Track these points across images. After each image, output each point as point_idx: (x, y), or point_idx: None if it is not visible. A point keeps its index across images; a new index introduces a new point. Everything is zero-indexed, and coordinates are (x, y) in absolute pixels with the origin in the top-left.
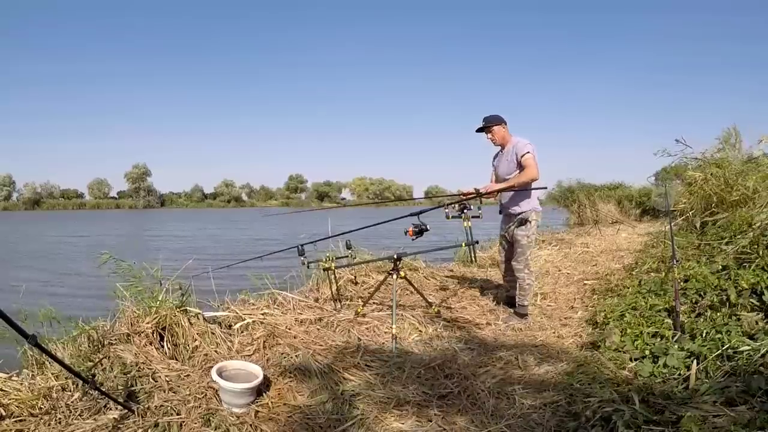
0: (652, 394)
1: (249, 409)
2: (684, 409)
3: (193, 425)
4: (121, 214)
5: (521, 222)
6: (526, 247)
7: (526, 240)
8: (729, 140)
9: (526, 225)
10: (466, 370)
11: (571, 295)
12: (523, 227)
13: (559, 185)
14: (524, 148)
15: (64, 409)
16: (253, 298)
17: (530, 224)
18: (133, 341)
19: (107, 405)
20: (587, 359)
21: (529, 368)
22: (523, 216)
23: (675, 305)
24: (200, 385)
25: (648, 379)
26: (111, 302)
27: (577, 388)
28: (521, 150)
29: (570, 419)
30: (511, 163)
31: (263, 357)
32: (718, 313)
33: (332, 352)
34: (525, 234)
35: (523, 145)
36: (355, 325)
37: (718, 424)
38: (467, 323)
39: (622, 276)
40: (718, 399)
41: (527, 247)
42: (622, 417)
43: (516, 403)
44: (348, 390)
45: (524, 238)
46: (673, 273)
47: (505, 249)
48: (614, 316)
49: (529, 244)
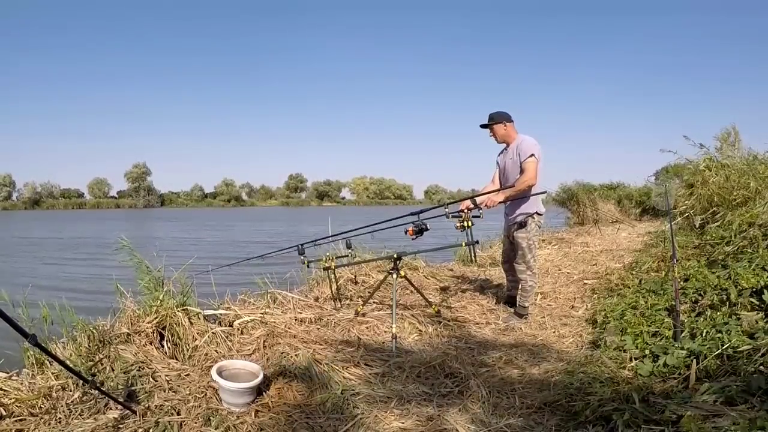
0: (652, 393)
1: (249, 409)
2: (684, 409)
3: (193, 425)
4: (120, 214)
5: (520, 224)
6: (527, 249)
7: (526, 242)
8: (728, 139)
9: (525, 227)
10: (466, 369)
11: (571, 295)
12: (523, 230)
13: (562, 187)
14: (529, 150)
15: (64, 409)
16: (253, 297)
17: (530, 226)
18: (133, 341)
19: (107, 404)
20: (587, 358)
21: (529, 367)
22: (521, 219)
23: (675, 304)
24: (200, 385)
25: (648, 379)
26: (111, 301)
27: (577, 387)
28: (525, 152)
29: (570, 418)
30: (516, 163)
31: (263, 356)
32: (718, 313)
33: (332, 351)
34: (525, 236)
35: (528, 146)
36: (355, 324)
37: (718, 424)
38: (467, 322)
39: (622, 275)
40: (718, 398)
41: (528, 249)
42: (622, 416)
43: (516, 403)
44: (348, 389)
45: (524, 240)
46: (673, 272)
47: (505, 250)
48: (614, 315)
49: (529, 246)
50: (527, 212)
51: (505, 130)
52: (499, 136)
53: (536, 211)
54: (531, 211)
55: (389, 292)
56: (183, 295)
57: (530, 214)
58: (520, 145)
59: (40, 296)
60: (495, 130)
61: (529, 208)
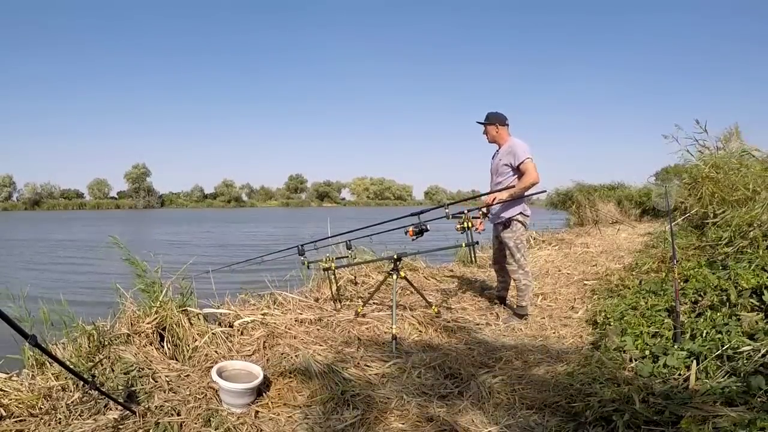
0: (653, 394)
1: (249, 409)
2: (684, 409)
3: (193, 425)
4: (119, 214)
5: (505, 225)
6: (515, 249)
7: (513, 242)
8: (730, 139)
9: (510, 227)
10: (466, 370)
11: (572, 296)
12: (508, 230)
13: (557, 191)
14: (522, 154)
15: (64, 410)
16: (254, 298)
17: (515, 226)
18: (133, 341)
19: (107, 405)
20: (587, 359)
21: (530, 368)
22: (507, 219)
23: (675, 305)
24: (200, 386)
25: (648, 379)
26: (111, 300)
27: (577, 388)
28: (519, 156)
29: (570, 419)
30: (504, 165)
31: (263, 357)
32: (718, 313)
33: (332, 352)
34: (511, 236)
35: (521, 150)
36: (356, 325)
37: (718, 425)
38: (467, 323)
39: (622, 276)
40: (718, 399)
41: (516, 249)
42: (622, 417)
43: (516, 403)
44: (348, 390)
45: (511, 240)
46: (673, 273)
47: (494, 251)
48: (615, 316)
49: (517, 246)
50: (512, 213)
51: (497, 132)
52: (489, 137)
53: (521, 212)
54: (515, 212)
55: (389, 293)
56: (183, 296)
57: (514, 215)
58: (512, 149)
59: (40, 295)
60: (487, 131)
61: (514, 209)
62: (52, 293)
